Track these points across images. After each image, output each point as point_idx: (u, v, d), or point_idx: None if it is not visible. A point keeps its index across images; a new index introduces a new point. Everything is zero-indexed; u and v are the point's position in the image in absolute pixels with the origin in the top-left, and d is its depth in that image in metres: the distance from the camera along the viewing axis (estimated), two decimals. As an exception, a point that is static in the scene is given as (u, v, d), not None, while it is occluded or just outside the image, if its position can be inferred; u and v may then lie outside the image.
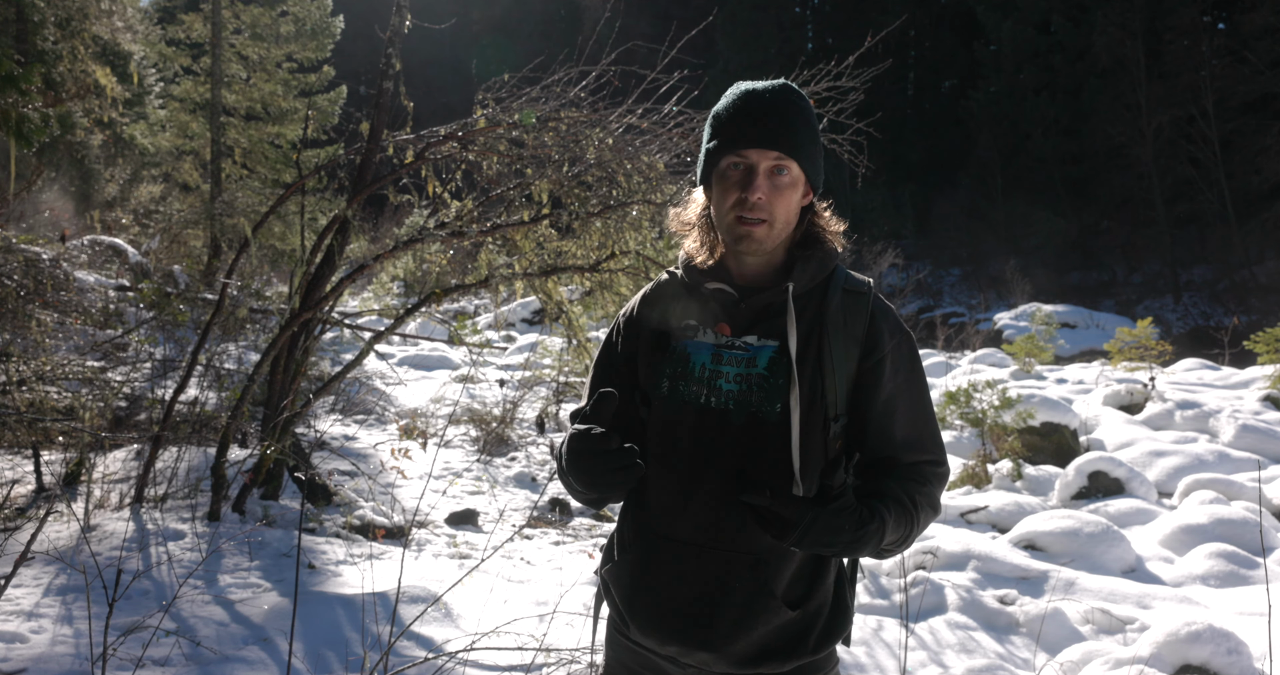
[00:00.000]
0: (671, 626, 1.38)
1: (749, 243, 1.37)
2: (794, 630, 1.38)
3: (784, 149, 1.34)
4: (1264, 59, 25.02)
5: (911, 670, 3.61)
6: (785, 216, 1.38)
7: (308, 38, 15.73)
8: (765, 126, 1.35)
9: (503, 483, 7.16)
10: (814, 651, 1.39)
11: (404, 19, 5.09)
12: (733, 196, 1.36)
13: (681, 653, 1.39)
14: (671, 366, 1.44)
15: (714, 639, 1.36)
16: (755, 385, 1.37)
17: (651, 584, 1.42)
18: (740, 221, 1.36)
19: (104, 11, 10.14)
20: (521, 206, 5.07)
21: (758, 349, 1.40)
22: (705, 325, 1.45)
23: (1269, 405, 9.11)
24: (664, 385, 1.44)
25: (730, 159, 1.37)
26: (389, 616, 3.55)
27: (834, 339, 1.37)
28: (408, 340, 14.63)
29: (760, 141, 1.34)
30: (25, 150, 5.76)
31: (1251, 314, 20.99)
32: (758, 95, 1.38)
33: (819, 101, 4.72)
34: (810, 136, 1.39)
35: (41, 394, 5.27)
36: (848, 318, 1.39)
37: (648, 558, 1.43)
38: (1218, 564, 4.95)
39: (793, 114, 1.36)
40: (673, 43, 4.71)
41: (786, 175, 1.36)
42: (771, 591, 1.36)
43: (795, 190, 1.38)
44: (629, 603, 1.44)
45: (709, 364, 1.41)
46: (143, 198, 14.56)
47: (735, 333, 1.42)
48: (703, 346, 1.43)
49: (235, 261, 5.33)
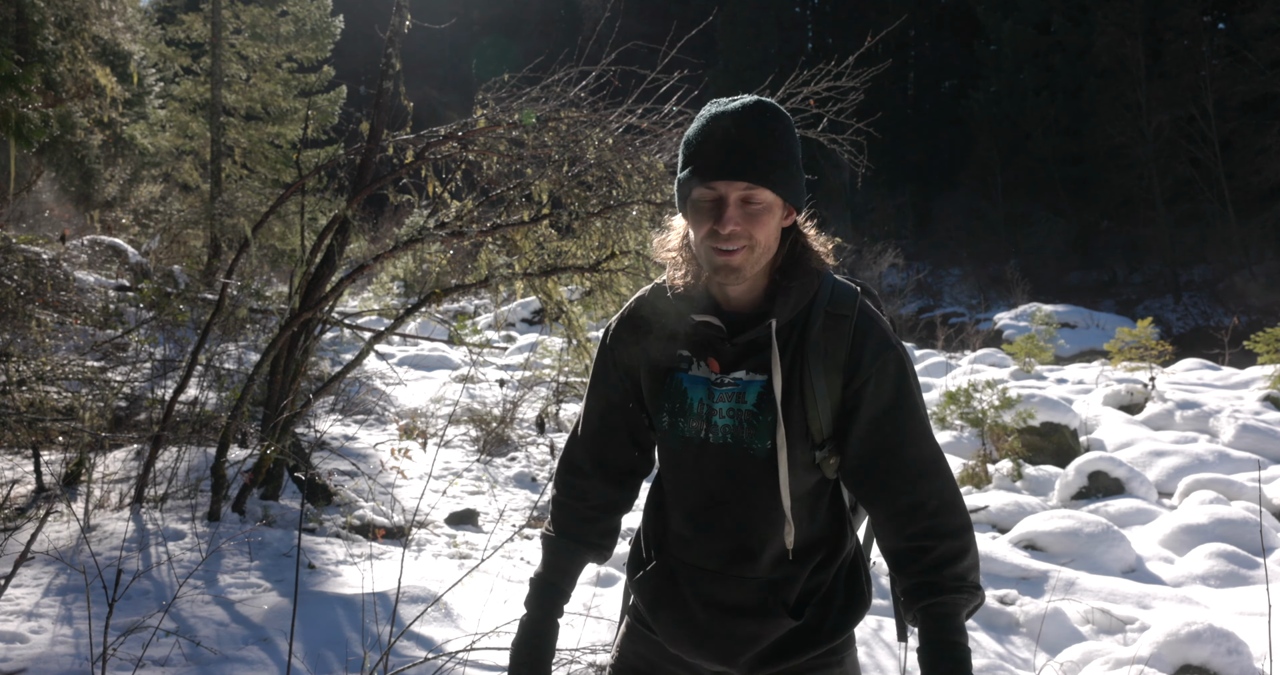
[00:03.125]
0: (692, 643, 1.46)
1: (727, 272, 1.33)
2: (805, 631, 1.43)
3: (752, 178, 1.29)
4: (1264, 59, 25.02)
5: (911, 670, 3.61)
6: (764, 242, 1.33)
7: (308, 38, 15.73)
8: (731, 156, 1.30)
9: (503, 483, 7.16)
10: (830, 639, 1.43)
11: (404, 19, 5.09)
12: (705, 227, 1.33)
13: (705, 663, 1.48)
14: (670, 401, 1.44)
15: (730, 656, 1.43)
16: (745, 422, 1.38)
17: (671, 602, 1.48)
18: (717, 253, 1.32)
19: (104, 11, 10.13)
20: (521, 206, 5.07)
21: (746, 383, 1.39)
22: (697, 357, 1.44)
23: (1269, 405, 9.11)
24: (664, 420, 1.45)
25: (700, 190, 1.33)
26: (389, 616, 3.55)
27: (814, 370, 1.35)
28: (408, 340, 14.63)
29: (726, 173, 1.30)
30: (25, 150, 5.77)
31: (1251, 314, 20.97)
32: (724, 121, 1.32)
33: (819, 101, 4.72)
34: (783, 158, 1.33)
35: (41, 394, 5.26)
36: (828, 345, 1.35)
37: (666, 577, 1.50)
38: (1218, 564, 4.95)
39: (761, 139, 1.31)
40: (673, 43, 4.72)
41: (758, 203, 1.31)
42: (784, 610, 1.42)
43: (771, 215, 1.33)
44: (653, 615, 1.51)
45: (705, 399, 1.41)
46: (143, 198, 14.54)
47: (723, 369, 1.41)
48: (698, 381, 1.43)
49: (235, 261, 5.33)
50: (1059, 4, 30.95)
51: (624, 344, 1.52)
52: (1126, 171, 28.54)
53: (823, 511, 1.45)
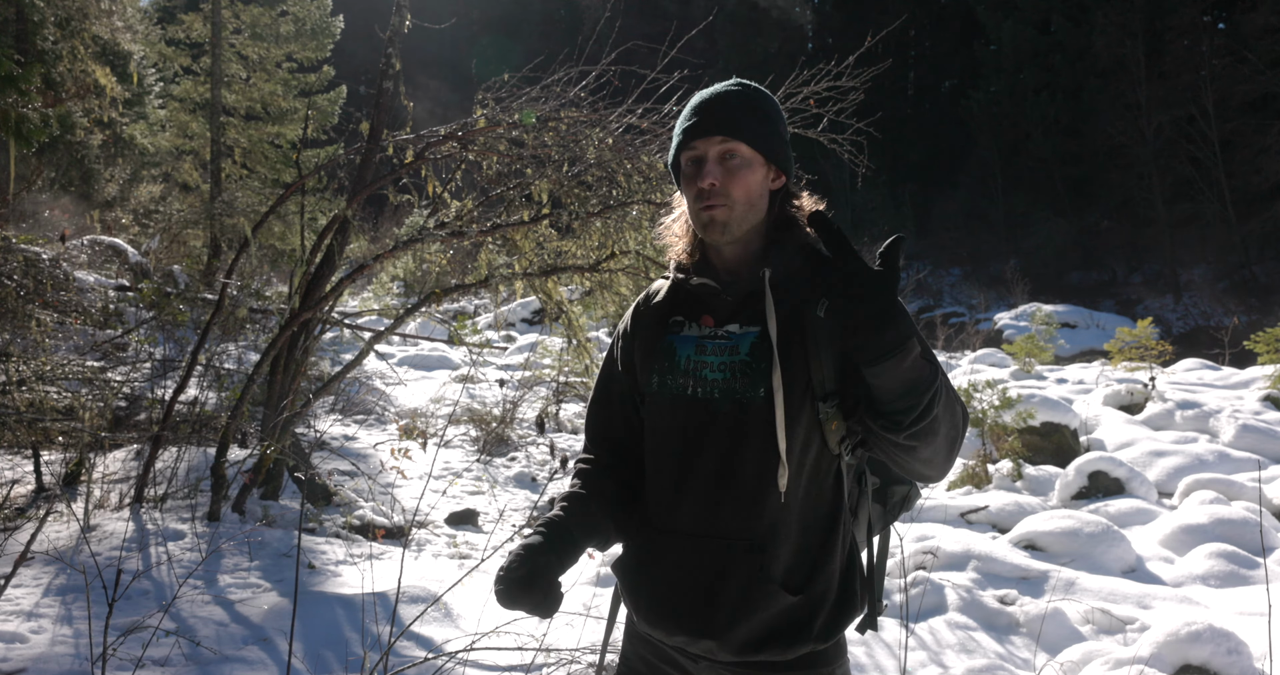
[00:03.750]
0: (674, 616, 1.40)
1: (713, 228, 1.40)
2: (796, 616, 1.37)
3: (727, 131, 1.38)
4: (1264, 59, 25.01)
5: (911, 670, 3.61)
6: (745, 197, 1.39)
7: (308, 38, 15.73)
8: (708, 116, 1.40)
9: (503, 483, 7.16)
10: (819, 639, 1.38)
11: (404, 19, 5.09)
12: (693, 188, 1.41)
13: (687, 642, 1.41)
14: (658, 361, 1.47)
15: (715, 626, 1.37)
16: (738, 372, 1.39)
17: (653, 575, 1.44)
18: (702, 210, 1.40)
19: (104, 11, 10.14)
20: (521, 206, 5.07)
21: (740, 336, 1.41)
22: (690, 319, 1.47)
23: (1269, 405, 9.10)
24: (654, 381, 1.47)
25: (685, 155, 1.42)
26: (389, 616, 3.55)
27: (816, 317, 1.34)
28: (408, 340, 14.63)
29: (704, 130, 1.39)
30: (25, 150, 5.76)
31: (1251, 314, 20.97)
32: (705, 94, 1.44)
33: (819, 101, 4.72)
34: (760, 118, 1.41)
35: (41, 394, 5.26)
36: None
37: (647, 550, 1.47)
38: (1218, 564, 4.95)
39: (738, 101, 1.41)
40: (673, 43, 4.71)
41: (736, 158, 1.39)
42: (769, 576, 1.36)
43: (752, 171, 1.40)
44: (634, 595, 1.47)
45: (693, 355, 1.43)
46: (143, 198, 14.53)
47: (718, 323, 1.44)
48: (687, 339, 1.46)
49: (235, 261, 5.33)
50: (1059, 4, 30.93)
51: (628, 334, 1.57)
52: (1126, 171, 28.52)
53: (819, 489, 1.40)
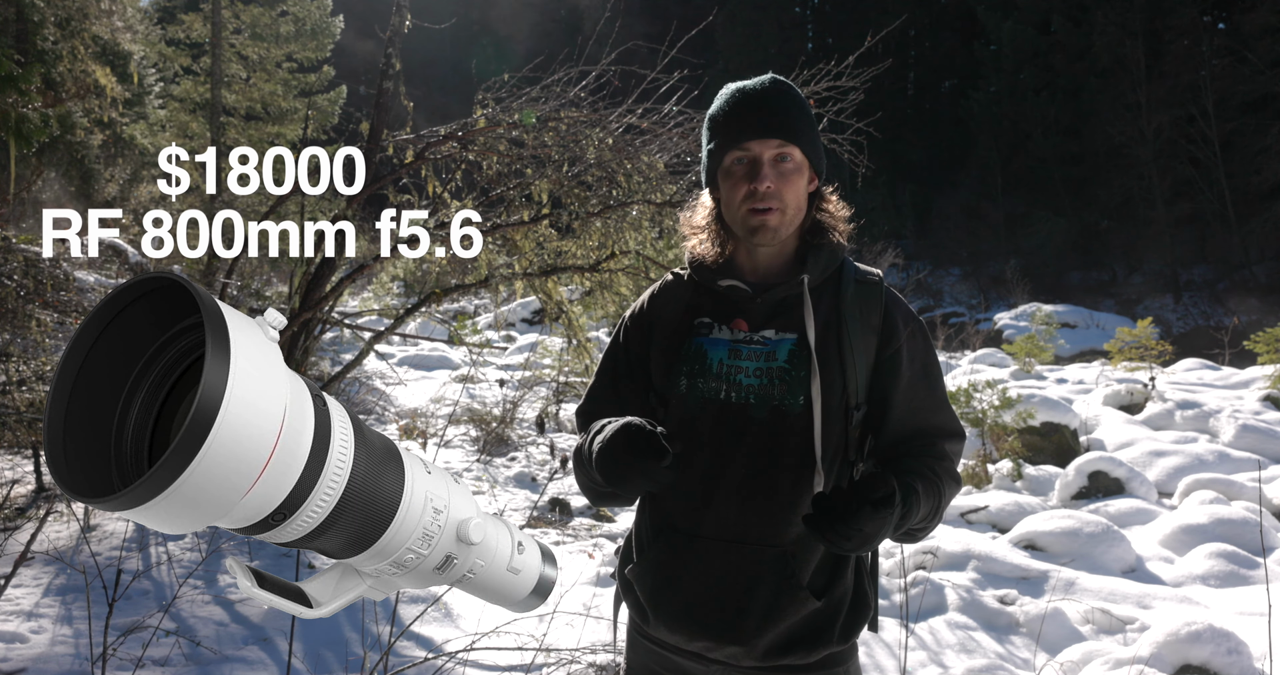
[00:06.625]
0: (700, 622, 1.38)
1: (764, 233, 1.38)
2: (819, 620, 1.38)
3: (785, 135, 1.35)
4: (1264, 59, 25.02)
5: (911, 670, 3.61)
6: (796, 202, 1.39)
7: (308, 38, 15.74)
8: (763, 116, 1.36)
9: (503, 483, 7.16)
10: (839, 641, 1.39)
11: (404, 19, 5.09)
12: (742, 190, 1.37)
13: (709, 648, 1.39)
14: (688, 364, 1.43)
15: (743, 633, 1.36)
16: (776, 378, 1.38)
17: (677, 581, 1.41)
18: (753, 213, 1.37)
19: (104, 11, 10.13)
20: (521, 206, 5.07)
21: (776, 342, 1.40)
22: (719, 322, 1.45)
23: (1269, 405, 9.10)
24: (682, 383, 1.43)
25: (734, 154, 1.38)
26: (389, 616, 3.55)
27: (852, 329, 1.38)
28: (408, 340, 14.63)
29: (760, 131, 1.35)
30: (25, 150, 5.77)
31: (1251, 314, 20.98)
32: (750, 90, 1.40)
33: (819, 101, 4.73)
34: (807, 122, 1.40)
35: (41, 394, 5.26)
36: (863, 308, 1.41)
37: (672, 555, 1.42)
38: (1218, 564, 4.95)
39: (787, 102, 1.38)
40: (673, 43, 4.72)
41: (790, 162, 1.37)
42: (799, 583, 1.36)
43: (801, 176, 1.39)
44: (654, 600, 1.43)
45: (726, 359, 1.41)
46: (143, 197, 14.53)
47: (752, 328, 1.42)
48: (719, 342, 1.43)
49: (235, 261, 5.33)
50: (1059, 4, 30.94)
51: (643, 323, 1.52)
52: (1126, 171, 28.54)
53: None
